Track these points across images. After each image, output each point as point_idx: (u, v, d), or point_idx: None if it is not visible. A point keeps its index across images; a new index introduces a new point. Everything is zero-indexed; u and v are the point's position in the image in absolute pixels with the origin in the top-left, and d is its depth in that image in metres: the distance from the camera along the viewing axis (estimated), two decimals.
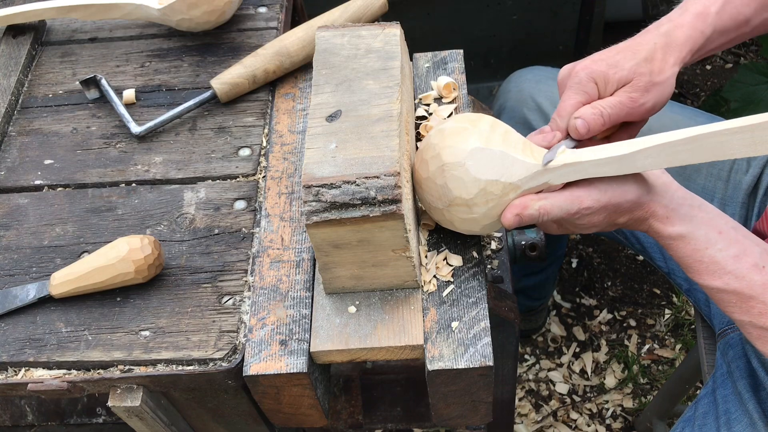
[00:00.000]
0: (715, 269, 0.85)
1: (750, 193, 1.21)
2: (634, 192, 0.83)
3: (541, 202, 0.83)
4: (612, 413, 1.90)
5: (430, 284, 0.88)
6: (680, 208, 0.85)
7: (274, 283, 0.90)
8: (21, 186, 1.03)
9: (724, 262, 0.84)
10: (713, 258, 0.84)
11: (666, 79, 0.92)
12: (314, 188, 0.78)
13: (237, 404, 0.93)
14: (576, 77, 0.91)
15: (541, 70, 1.44)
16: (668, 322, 2.02)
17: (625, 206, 0.84)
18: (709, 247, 0.84)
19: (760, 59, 2.44)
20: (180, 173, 1.02)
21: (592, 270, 2.12)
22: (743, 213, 1.21)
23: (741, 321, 0.87)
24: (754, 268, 0.84)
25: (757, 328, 0.85)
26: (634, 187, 0.84)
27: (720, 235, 0.85)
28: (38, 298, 0.91)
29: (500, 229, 0.96)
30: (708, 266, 0.85)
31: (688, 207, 0.85)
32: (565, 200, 0.83)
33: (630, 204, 0.84)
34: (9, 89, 1.12)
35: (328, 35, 0.91)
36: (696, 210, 0.85)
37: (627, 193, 0.83)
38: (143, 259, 0.88)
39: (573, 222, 0.86)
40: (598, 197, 0.83)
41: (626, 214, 0.85)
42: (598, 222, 0.85)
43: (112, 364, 0.86)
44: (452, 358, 0.82)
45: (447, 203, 0.84)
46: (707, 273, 0.85)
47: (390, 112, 0.83)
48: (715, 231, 0.85)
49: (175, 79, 1.12)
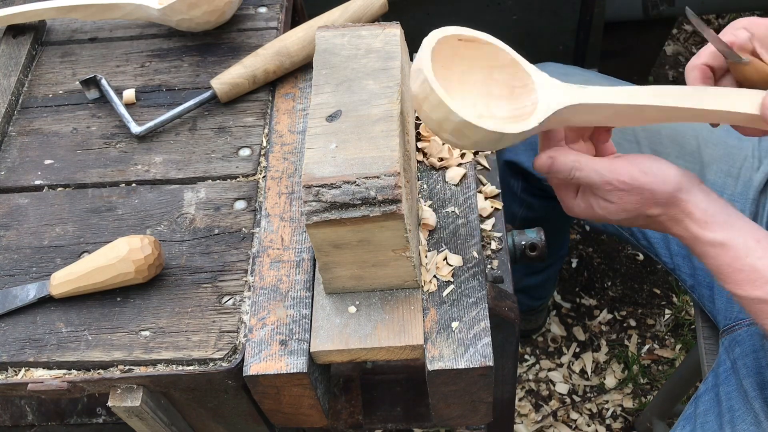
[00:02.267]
0: (756, 278, 0.82)
1: (761, 191, 1.19)
2: (674, 184, 0.81)
3: (578, 156, 0.81)
4: (612, 413, 1.90)
5: (430, 284, 0.88)
6: (718, 214, 0.82)
7: (274, 283, 0.90)
8: (21, 186, 1.03)
9: (764, 270, 0.82)
10: (754, 267, 0.82)
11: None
12: (314, 188, 0.78)
13: (237, 404, 0.93)
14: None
15: (552, 66, 1.43)
16: (668, 322, 2.02)
17: (661, 196, 0.81)
18: (749, 256, 0.82)
19: None
20: (180, 173, 1.02)
21: (592, 270, 2.12)
22: (753, 210, 1.19)
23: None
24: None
25: None
26: (675, 179, 0.81)
27: (758, 243, 0.82)
28: (38, 298, 0.91)
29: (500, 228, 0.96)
30: (748, 275, 0.82)
31: (726, 214, 0.83)
32: (603, 165, 0.81)
33: (667, 195, 0.81)
34: (9, 89, 1.12)
35: (328, 35, 0.91)
36: (734, 218, 0.83)
37: (666, 184, 0.81)
38: (143, 259, 0.88)
39: (603, 197, 0.83)
40: (636, 176, 0.80)
41: (661, 206, 0.82)
42: (630, 205, 0.82)
43: (112, 364, 0.86)
44: (452, 358, 0.82)
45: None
46: (747, 283, 0.82)
47: (390, 112, 0.83)
48: (754, 239, 0.82)
49: (175, 79, 1.12)
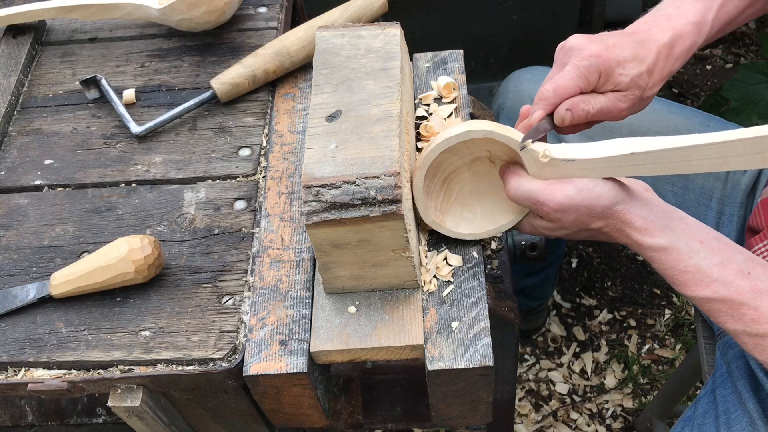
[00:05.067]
0: (701, 278, 0.83)
1: (748, 193, 1.21)
2: (609, 197, 0.83)
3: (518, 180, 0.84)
4: (612, 413, 1.90)
5: (430, 284, 0.88)
6: (659, 220, 0.84)
7: (274, 283, 0.90)
8: (21, 186, 1.03)
9: (709, 270, 0.83)
10: (698, 266, 0.83)
11: (653, 94, 0.94)
12: (314, 188, 0.78)
13: (237, 404, 0.93)
14: (585, 60, 0.89)
15: (540, 70, 1.44)
16: (668, 322, 2.02)
17: (598, 210, 0.83)
18: (693, 257, 0.83)
19: (760, 59, 2.44)
20: (180, 173, 1.02)
21: (592, 270, 2.12)
22: (741, 213, 1.21)
23: (735, 331, 0.85)
24: (740, 274, 0.83)
25: (752, 336, 0.84)
26: (611, 192, 0.83)
27: (702, 244, 0.84)
28: (38, 298, 0.91)
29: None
30: (694, 276, 0.84)
31: (667, 219, 0.84)
32: (539, 187, 0.83)
33: (603, 209, 0.83)
34: (9, 89, 1.12)
35: (328, 35, 0.91)
36: (676, 222, 0.85)
37: (602, 198, 0.82)
38: (143, 259, 0.88)
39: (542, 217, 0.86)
40: (572, 194, 0.82)
41: (600, 219, 0.84)
42: (569, 222, 0.85)
43: (112, 364, 0.86)
44: (452, 358, 0.82)
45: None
46: (694, 283, 0.84)
47: (390, 112, 0.83)
48: (697, 241, 0.84)
49: (175, 79, 1.12)
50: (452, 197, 0.91)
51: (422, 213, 0.88)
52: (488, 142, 0.84)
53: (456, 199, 0.91)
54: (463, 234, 0.90)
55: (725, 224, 1.22)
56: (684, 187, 1.25)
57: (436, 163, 0.86)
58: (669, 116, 1.28)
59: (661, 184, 1.26)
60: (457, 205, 0.91)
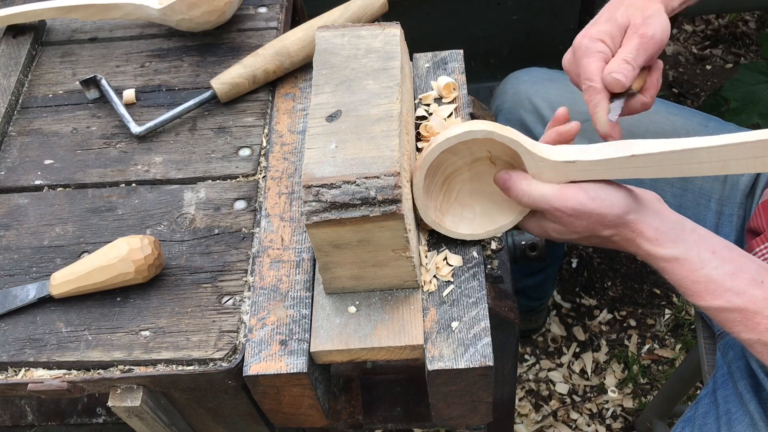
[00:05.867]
0: (714, 288, 0.83)
1: (748, 194, 1.21)
2: (622, 207, 0.83)
3: (530, 185, 0.84)
4: (612, 413, 1.90)
5: (430, 284, 0.88)
6: (671, 230, 0.84)
7: (274, 283, 0.90)
8: (21, 186, 1.03)
9: (721, 280, 0.83)
10: (710, 277, 0.83)
11: (656, 11, 0.95)
12: (314, 188, 0.78)
13: (237, 404, 0.93)
14: (582, 47, 0.93)
15: (538, 71, 1.43)
16: (668, 322, 2.02)
17: (610, 219, 0.83)
18: (704, 267, 0.83)
19: (760, 59, 2.44)
20: (180, 173, 1.02)
21: (592, 270, 2.12)
22: (741, 213, 1.21)
23: (749, 340, 0.85)
24: (753, 283, 0.83)
25: (766, 345, 0.83)
26: (623, 202, 0.83)
27: (713, 254, 0.84)
28: (38, 298, 0.91)
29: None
30: (706, 286, 0.84)
31: (678, 230, 0.84)
32: (552, 193, 0.83)
33: (615, 218, 0.83)
34: (9, 89, 1.12)
35: (328, 35, 0.91)
36: (687, 232, 0.85)
37: (614, 207, 0.83)
38: (143, 259, 0.88)
39: (553, 221, 0.86)
40: (584, 202, 0.82)
41: (611, 228, 0.84)
42: (580, 228, 0.85)
43: (112, 364, 0.86)
44: (452, 358, 0.82)
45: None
46: (707, 293, 0.84)
47: (390, 112, 0.83)
48: (708, 251, 0.84)
49: (175, 79, 1.12)
50: (452, 197, 0.91)
51: (422, 213, 0.88)
52: (489, 142, 0.84)
53: (456, 199, 0.91)
54: (463, 234, 0.90)
55: (724, 225, 1.22)
56: (683, 188, 1.25)
57: (436, 163, 0.86)
58: (667, 117, 1.28)
59: (659, 184, 1.26)
60: (457, 205, 0.91)
